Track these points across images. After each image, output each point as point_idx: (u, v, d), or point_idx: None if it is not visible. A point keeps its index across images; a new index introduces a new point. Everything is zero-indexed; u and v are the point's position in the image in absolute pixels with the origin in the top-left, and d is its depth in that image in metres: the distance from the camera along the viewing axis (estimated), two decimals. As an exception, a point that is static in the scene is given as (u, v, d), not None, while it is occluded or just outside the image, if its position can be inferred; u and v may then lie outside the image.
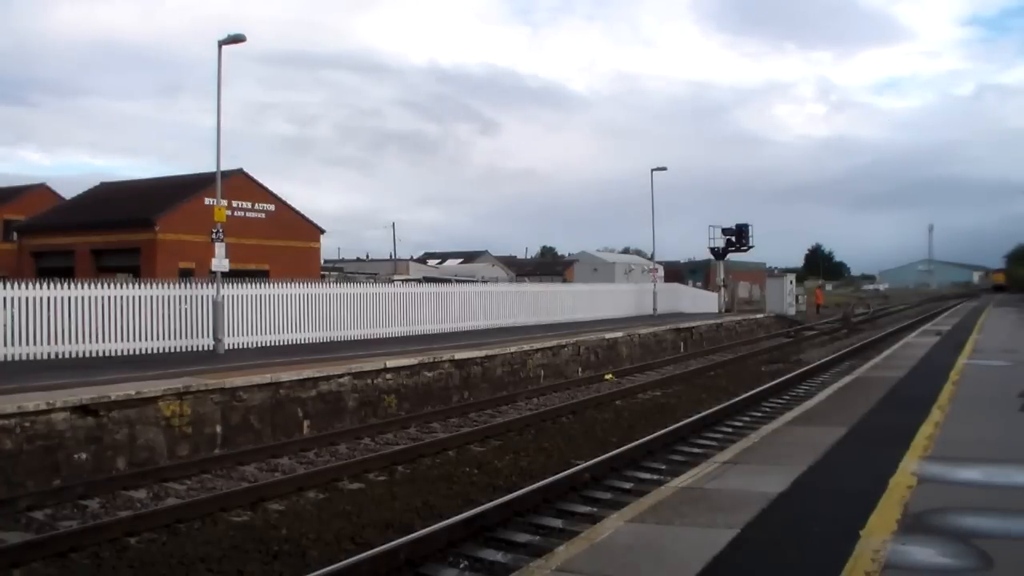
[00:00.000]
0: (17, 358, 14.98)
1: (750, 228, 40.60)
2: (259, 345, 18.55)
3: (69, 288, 16.00)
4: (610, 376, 19.81)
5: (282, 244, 37.17)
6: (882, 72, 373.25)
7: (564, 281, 59.38)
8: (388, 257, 75.49)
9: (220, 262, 17.34)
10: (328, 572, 6.25)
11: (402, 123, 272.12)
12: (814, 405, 11.21)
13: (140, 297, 17.05)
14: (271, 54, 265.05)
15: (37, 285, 15.67)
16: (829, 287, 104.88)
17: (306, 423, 13.07)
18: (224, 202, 19.62)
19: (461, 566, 6.81)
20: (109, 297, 16.57)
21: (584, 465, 9.75)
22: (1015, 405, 10.60)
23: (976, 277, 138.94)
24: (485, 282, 38.97)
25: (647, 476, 9.77)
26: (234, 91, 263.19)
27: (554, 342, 20.43)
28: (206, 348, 17.49)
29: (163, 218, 33.66)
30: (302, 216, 40.46)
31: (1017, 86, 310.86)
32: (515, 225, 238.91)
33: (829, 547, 4.99)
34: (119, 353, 16.38)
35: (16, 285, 15.45)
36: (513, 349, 18.54)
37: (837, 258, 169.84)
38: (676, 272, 67.90)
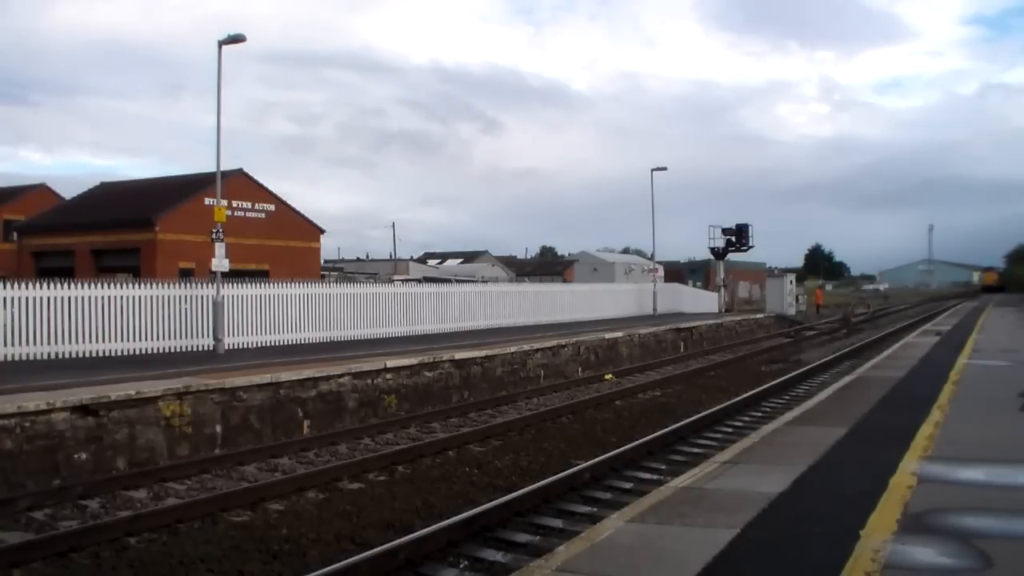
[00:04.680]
0: (17, 358, 14.98)
1: (750, 228, 40.66)
2: (259, 345, 18.56)
3: (69, 288, 16.00)
4: (610, 376, 19.81)
5: (282, 244, 37.14)
6: (885, 71, 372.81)
7: (564, 281, 59.35)
8: (388, 257, 75.52)
9: (220, 262, 17.34)
10: (328, 572, 6.25)
11: (404, 122, 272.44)
12: (814, 405, 11.22)
13: (140, 297, 17.06)
14: (273, 53, 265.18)
15: (37, 285, 15.68)
16: (829, 287, 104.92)
17: (306, 423, 13.07)
18: (224, 202, 19.62)
19: (461, 566, 6.81)
20: (109, 297, 16.57)
21: (584, 465, 9.75)
22: (1015, 405, 10.60)
23: (976, 277, 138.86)
24: (485, 282, 38.96)
25: (647, 476, 9.77)
26: (235, 90, 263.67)
27: (554, 342, 20.44)
28: (206, 348, 17.49)
29: (163, 218, 33.63)
30: (302, 216, 40.44)
31: (1020, 85, 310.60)
32: (515, 225, 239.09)
33: (829, 547, 4.99)
34: (119, 353, 16.38)
35: (16, 285, 15.45)
36: (513, 349, 18.54)
37: (837, 258, 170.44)
38: (676, 272, 67.88)
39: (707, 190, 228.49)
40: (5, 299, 15.12)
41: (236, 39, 17.44)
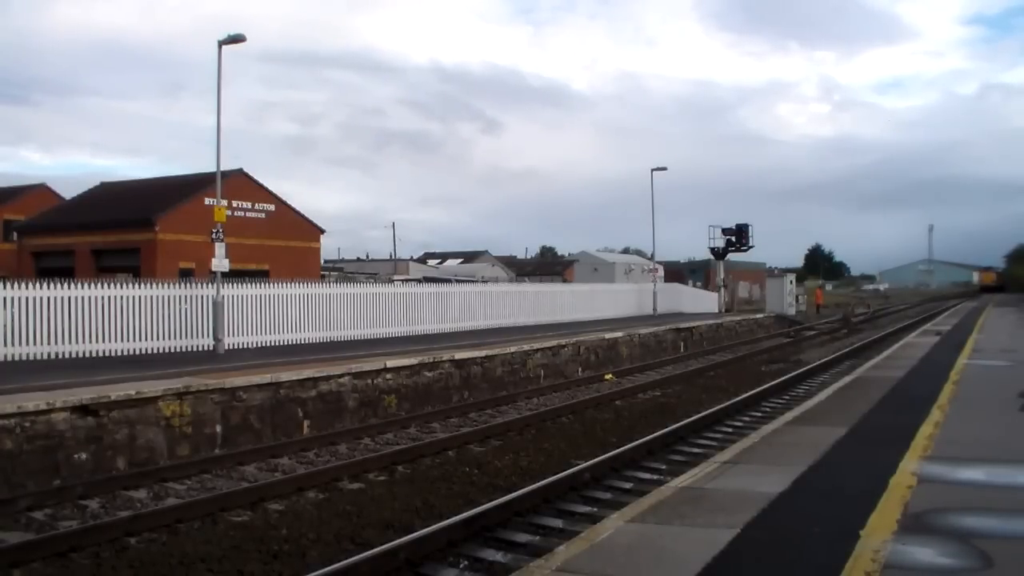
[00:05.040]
0: (17, 358, 14.98)
1: (750, 228, 40.68)
2: (259, 345, 18.55)
3: (69, 288, 16.00)
4: (610, 376, 19.81)
5: (282, 244, 37.14)
6: (886, 71, 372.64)
7: (564, 281, 59.35)
8: (388, 257, 75.54)
9: (220, 262, 17.34)
10: (328, 572, 6.25)
11: (405, 122, 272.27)
12: (814, 405, 11.22)
13: (140, 297, 17.05)
14: (273, 53, 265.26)
15: (37, 285, 15.68)
16: (829, 287, 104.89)
17: (306, 423, 13.07)
18: (224, 202, 19.62)
19: (461, 566, 6.81)
20: (109, 297, 16.57)
21: (584, 465, 9.75)
22: (1015, 405, 10.60)
23: (976, 277, 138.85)
24: (485, 282, 38.96)
25: (647, 476, 9.77)
26: (236, 90, 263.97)
27: (554, 342, 20.43)
28: (206, 348, 17.50)
29: (163, 218, 33.63)
30: (302, 216, 40.45)
31: (1020, 86, 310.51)
32: (515, 225, 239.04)
33: (829, 547, 4.99)
34: (119, 353, 16.38)
35: (16, 285, 15.45)
36: (513, 349, 18.54)
37: (837, 258, 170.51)
38: (676, 272, 67.88)
39: (707, 190, 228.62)
40: (5, 299, 15.12)
41: (236, 39, 17.45)
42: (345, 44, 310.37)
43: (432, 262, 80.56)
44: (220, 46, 17.53)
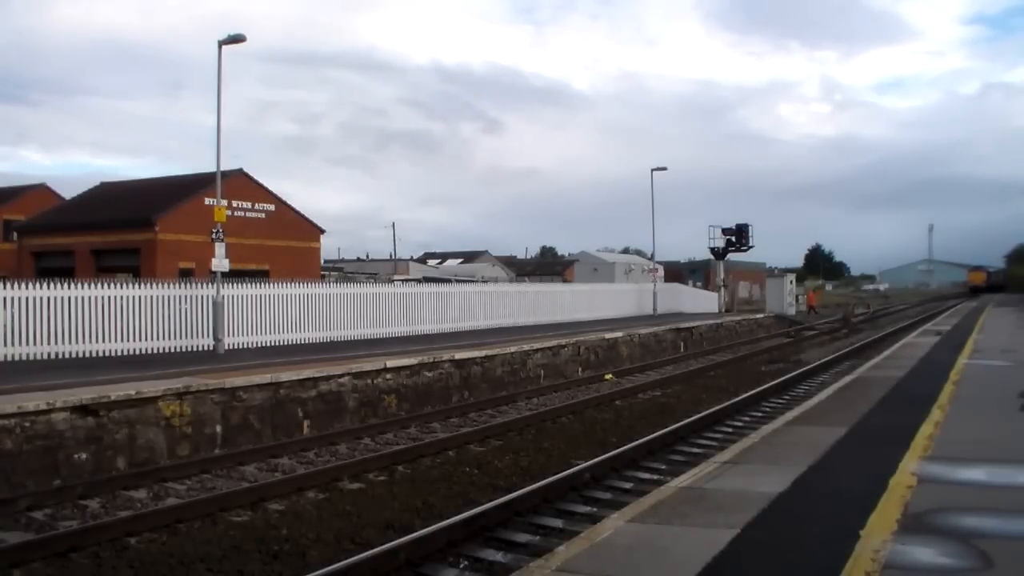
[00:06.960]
0: (17, 358, 14.98)
1: (750, 228, 40.70)
2: (259, 345, 18.56)
3: (69, 288, 16.00)
4: (610, 376, 19.81)
5: (282, 244, 37.16)
6: (887, 71, 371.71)
7: (564, 281, 59.35)
8: (388, 257, 75.55)
9: (220, 262, 17.34)
10: (328, 572, 6.25)
11: (406, 122, 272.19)
12: (814, 405, 11.21)
13: (140, 297, 17.06)
14: (274, 52, 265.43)
15: (37, 285, 15.68)
16: (829, 287, 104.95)
17: (306, 423, 13.07)
18: (224, 202, 19.62)
19: (461, 566, 6.81)
20: (109, 297, 16.57)
21: (584, 465, 9.75)
22: (1015, 405, 10.60)
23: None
24: (485, 282, 38.96)
25: (647, 476, 9.77)
26: (237, 89, 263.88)
27: (554, 342, 20.43)
28: (206, 348, 17.50)
29: (163, 218, 33.64)
30: (302, 216, 40.46)
31: (1022, 85, 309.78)
32: (515, 225, 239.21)
33: (829, 547, 4.99)
34: (119, 353, 16.38)
35: (16, 285, 15.46)
36: (513, 349, 18.54)
37: (837, 258, 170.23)
38: (676, 272, 67.85)
39: (708, 190, 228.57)
40: (5, 299, 15.12)
41: (236, 39, 17.45)
42: (346, 44, 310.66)
43: (432, 262, 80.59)
44: (220, 46, 17.53)
